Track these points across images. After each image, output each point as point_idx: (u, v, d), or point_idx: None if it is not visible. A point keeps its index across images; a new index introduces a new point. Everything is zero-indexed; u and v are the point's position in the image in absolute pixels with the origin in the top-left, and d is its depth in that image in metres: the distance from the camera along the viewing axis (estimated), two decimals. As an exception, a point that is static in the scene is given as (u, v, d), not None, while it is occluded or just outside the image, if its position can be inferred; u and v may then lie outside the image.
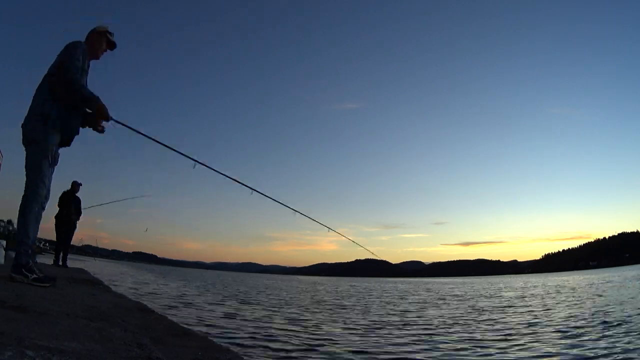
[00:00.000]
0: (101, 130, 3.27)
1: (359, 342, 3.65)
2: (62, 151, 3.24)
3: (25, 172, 3.01)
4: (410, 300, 9.64)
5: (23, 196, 2.95)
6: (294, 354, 3.09)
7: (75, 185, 9.34)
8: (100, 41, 3.34)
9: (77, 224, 9.38)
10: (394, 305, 8.14)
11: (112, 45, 3.45)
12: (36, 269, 3.08)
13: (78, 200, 9.32)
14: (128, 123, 3.27)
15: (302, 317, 5.42)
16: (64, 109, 3.02)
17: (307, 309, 6.78)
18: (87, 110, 3.12)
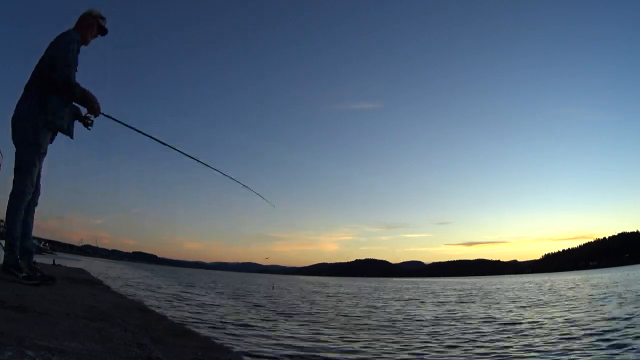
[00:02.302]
0: (90, 123, 3.21)
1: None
2: (63, 147, 3.24)
3: (13, 170, 2.91)
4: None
5: (10, 195, 2.87)
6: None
7: None
8: (92, 26, 3.15)
9: (78, 224, 8.96)
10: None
11: (103, 32, 3.26)
12: (35, 268, 3.10)
13: None
14: (127, 123, 3.27)
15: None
16: (55, 107, 2.91)
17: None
18: (79, 107, 3.11)
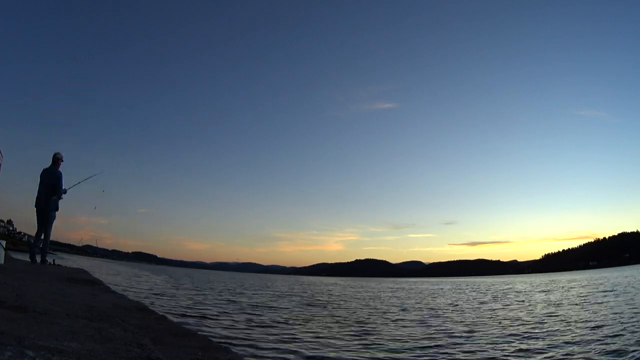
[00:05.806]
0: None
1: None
2: (75, 150, 4.89)
3: (38, 222, 7.22)
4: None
5: (44, 237, 7.32)
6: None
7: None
8: (58, 163, 7.49)
9: (80, 224, 10.06)
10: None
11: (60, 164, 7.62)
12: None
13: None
14: (127, 121, 3.32)
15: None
16: (58, 205, 7.50)
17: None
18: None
